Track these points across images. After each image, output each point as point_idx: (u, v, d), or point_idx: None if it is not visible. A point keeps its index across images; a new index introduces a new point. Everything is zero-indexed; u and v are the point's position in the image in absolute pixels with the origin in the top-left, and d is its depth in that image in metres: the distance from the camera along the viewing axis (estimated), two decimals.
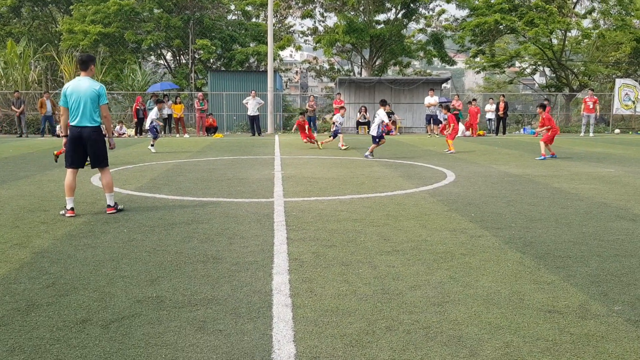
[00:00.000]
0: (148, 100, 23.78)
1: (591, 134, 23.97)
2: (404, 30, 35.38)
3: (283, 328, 3.29)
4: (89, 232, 5.70)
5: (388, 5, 33.79)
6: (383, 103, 14.21)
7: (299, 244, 5.19)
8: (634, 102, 26.70)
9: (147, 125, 15.50)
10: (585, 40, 34.31)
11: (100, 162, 6.64)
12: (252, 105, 23.73)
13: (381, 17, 34.91)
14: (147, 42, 31.26)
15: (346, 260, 4.69)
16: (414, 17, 34.61)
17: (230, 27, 34.70)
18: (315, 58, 40.47)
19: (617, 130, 27.84)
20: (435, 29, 35.27)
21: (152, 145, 15.28)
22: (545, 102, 23.26)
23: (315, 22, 35.47)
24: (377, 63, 35.26)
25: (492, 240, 5.40)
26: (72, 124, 6.48)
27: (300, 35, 36.88)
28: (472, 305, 3.67)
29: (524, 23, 30.57)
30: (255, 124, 24.08)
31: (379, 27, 33.84)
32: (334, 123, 16.53)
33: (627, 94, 26.76)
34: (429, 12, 35.24)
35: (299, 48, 36.95)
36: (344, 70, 37.77)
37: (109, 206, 6.66)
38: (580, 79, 34.54)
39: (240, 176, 10.14)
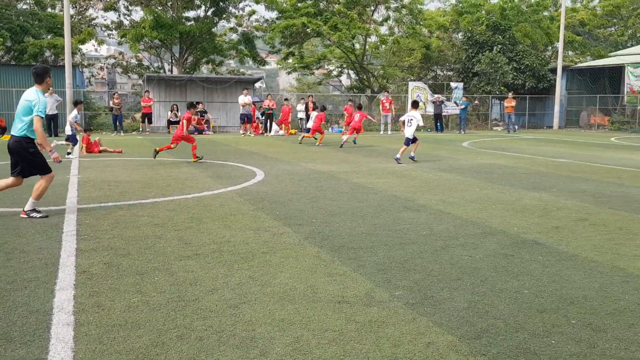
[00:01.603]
0: None
1: (389, 132, 26.14)
2: (215, 28, 35.06)
3: (61, 350, 2.99)
4: None
5: (197, 2, 33.18)
6: (415, 105, 13.24)
7: (89, 255, 4.79)
8: (424, 103, 29.77)
9: (68, 130, 13.95)
10: (383, 46, 37.41)
11: (23, 172, 6.49)
12: (49, 103, 21.59)
13: (191, 13, 34.17)
14: None
15: (142, 268, 4.44)
16: (224, 15, 34.47)
17: (21, 17, 31.13)
18: (121, 53, 38.22)
19: None
20: (246, 29, 35.54)
21: (69, 153, 14.02)
22: (350, 103, 24.98)
23: (120, 15, 33.49)
24: (188, 61, 34.45)
25: (294, 236, 5.55)
26: None
27: (104, 29, 34.50)
28: (267, 304, 3.70)
29: (329, 27, 32.28)
30: (53, 124, 21.97)
31: (188, 23, 33.07)
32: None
33: (418, 95, 29.73)
34: (239, 12, 35.39)
35: (101, 42, 34.51)
36: (154, 67, 36.26)
37: (23, 210, 6.44)
38: (380, 81, 37.53)
39: (28, 182, 9.09)
